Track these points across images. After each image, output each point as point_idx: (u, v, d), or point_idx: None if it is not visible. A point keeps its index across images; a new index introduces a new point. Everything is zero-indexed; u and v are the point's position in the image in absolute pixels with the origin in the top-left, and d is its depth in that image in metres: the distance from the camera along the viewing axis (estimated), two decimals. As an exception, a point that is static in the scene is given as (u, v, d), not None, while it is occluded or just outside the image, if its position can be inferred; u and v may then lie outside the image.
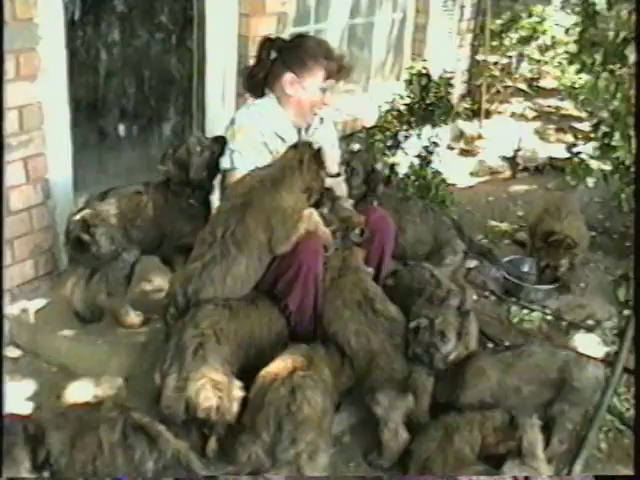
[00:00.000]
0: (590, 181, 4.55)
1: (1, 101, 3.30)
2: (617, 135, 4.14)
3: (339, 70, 3.60)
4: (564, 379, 3.23)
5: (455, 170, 6.23)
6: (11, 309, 3.80)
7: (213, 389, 2.83)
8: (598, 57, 4.35)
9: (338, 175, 3.71)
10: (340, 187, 3.83)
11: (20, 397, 3.37)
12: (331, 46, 3.72)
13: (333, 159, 3.66)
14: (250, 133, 3.51)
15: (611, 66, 4.28)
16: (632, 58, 3.97)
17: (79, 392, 3.38)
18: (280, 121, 3.60)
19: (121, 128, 5.71)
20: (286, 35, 4.64)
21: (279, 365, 2.89)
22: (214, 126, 4.82)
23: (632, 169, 4.15)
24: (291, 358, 2.92)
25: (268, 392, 2.75)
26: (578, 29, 4.68)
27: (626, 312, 4.13)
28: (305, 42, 3.64)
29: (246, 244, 3.14)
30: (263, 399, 2.74)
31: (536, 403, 3.26)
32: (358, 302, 3.27)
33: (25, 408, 3.23)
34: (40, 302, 3.87)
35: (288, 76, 3.54)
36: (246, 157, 3.47)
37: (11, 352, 3.71)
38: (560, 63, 7.51)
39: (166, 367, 2.90)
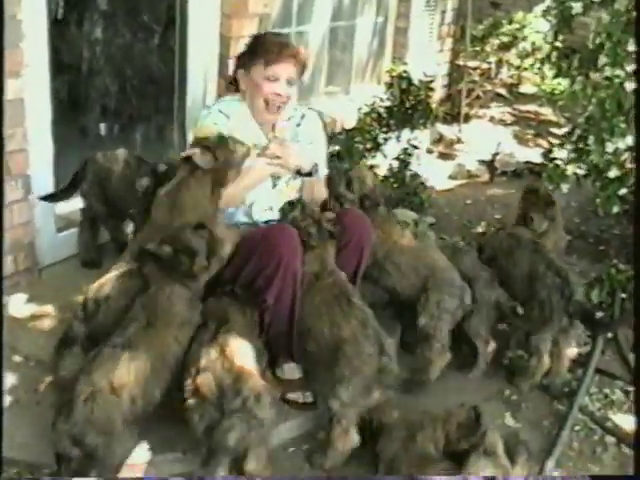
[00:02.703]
0: (565, 187, 4.59)
1: (1, 101, 3.31)
2: (591, 139, 4.20)
3: (280, 52, 3.46)
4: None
5: (434, 173, 6.28)
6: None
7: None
8: (575, 62, 4.42)
9: (309, 174, 3.58)
10: (318, 188, 3.74)
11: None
12: (271, 34, 3.73)
13: (301, 155, 3.56)
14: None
15: (586, 71, 4.34)
16: (603, 60, 4.04)
17: (57, 386, 3.40)
18: (244, 120, 3.59)
19: (102, 126, 5.75)
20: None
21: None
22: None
23: (605, 174, 4.21)
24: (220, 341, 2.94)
25: (201, 359, 2.83)
26: (554, 32, 4.75)
27: (599, 314, 4.21)
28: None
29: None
30: (198, 368, 2.81)
31: None
32: (335, 296, 3.24)
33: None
34: (20, 297, 3.88)
35: (240, 72, 3.57)
36: None
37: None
38: (540, 69, 7.58)
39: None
